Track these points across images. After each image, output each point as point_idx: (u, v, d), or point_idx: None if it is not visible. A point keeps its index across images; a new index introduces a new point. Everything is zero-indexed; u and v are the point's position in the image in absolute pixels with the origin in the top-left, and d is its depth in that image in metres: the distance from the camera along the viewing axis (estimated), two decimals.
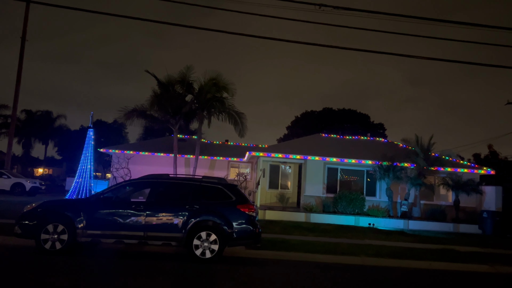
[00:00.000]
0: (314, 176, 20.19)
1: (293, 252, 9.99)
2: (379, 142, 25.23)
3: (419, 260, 10.05)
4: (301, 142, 23.31)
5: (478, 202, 20.18)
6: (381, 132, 41.16)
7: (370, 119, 42.74)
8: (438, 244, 12.89)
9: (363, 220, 17.86)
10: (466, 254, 11.17)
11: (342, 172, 20.61)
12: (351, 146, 22.84)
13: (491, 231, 17.42)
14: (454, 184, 19.29)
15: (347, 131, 34.41)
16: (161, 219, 8.63)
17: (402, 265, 9.69)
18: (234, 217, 8.71)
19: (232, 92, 21.52)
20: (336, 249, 10.66)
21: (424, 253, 10.94)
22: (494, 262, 10.33)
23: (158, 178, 9.41)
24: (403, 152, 21.18)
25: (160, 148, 25.15)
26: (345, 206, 18.83)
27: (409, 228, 17.77)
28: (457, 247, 12.33)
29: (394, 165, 19.38)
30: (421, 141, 20.52)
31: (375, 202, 19.88)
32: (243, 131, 21.62)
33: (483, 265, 9.98)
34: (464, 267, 9.84)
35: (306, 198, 19.91)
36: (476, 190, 19.32)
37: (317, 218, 18.02)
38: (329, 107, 44.07)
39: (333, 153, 20.58)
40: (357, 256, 9.98)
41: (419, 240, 13.65)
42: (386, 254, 10.42)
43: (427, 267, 9.75)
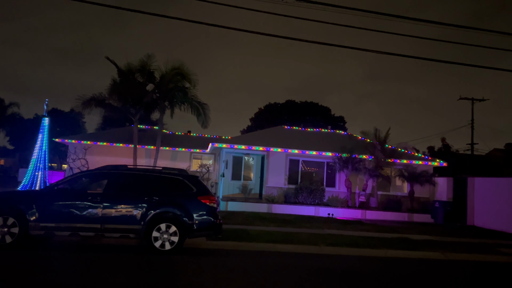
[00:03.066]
0: (276, 167, 20.37)
1: (254, 242, 10.06)
2: (339, 134, 25.79)
3: (376, 248, 10.40)
4: (264, 134, 23.41)
5: (431, 192, 21.12)
6: (342, 124, 42.11)
7: (331, 112, 43.61)
8: (394, 233, 13.39)
9: (323, 210, 18.25)
10: (419, 242, 11.68)
11: (303, 164, 20.92)
12: (312, 138, 23.20)
13: (443, 220, 18.30)
14: (409, 176, 20.08)
15: (309, 123, 34.92)
16: (119, 211, 8.41)
17: (359, 254, 9.99)
18: (195, 209, 8.64)
19: (194, 82, 21.23)
20: (296, 238, 10.83)
21: (380, 241, 11.34)
22: (445, 249, 10.87)
23: (116, 169, 9.15)
24: (362, 144, 21.76)
25: (119, 139, 24.45)
26: (305, 197, 19.16)
27: (366, 218, 18.35)
28: (411, 236, 12.87)
29: (353, 157, 19.90)
30: (379, 134, 21.17)
31: (334, 193, 20.35)
32: (206, 122, 21.43)
33: (435, 252, 10.47)
34: (418, 255, 10.29)
35: (268, 189, 20.07)
36: (429, 181, 20.20)
37: (278, 208, 18.23)
38: (292, 99, 44.53)
39: (295, 145, 20.83)
40: (316, 246, 10.19)
41: (376, 229, 14.12)
42: (344, 243, 10.70)
43: (383, 255, 10.12)
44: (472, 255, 10.46)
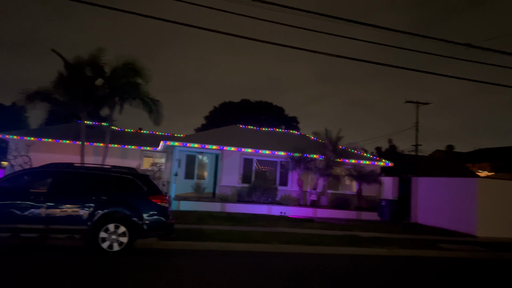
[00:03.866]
0: (230, 166, 20.32)
1: (207, 241, 9.97)
2: (292, 134, 26.21)
3: (327, 246, 10.67)
4: (218, 133, 23.28)
5: (378, 191, 22.01)
6: (295, 124, 42.83)
7: (285, 112, 44.21)
8: (343, 230, 13.81)
9: (276, 209, 18.46)
10: (367, 239, 12.12)
11: (257, 163, 21.04)
12: (266, 137, 23.39)
13: (389, 217, 19.13)
14: (358, 175, 20.81)
15: (263, 122, 35.17)
16: (64, 211, 8.01)
17: (312, 251, 10.20)
18: (145, 208, 8.40)
19: (147, 78, 20.61)
20: (249, 237, 10.86)
21: (331, 239, 11.64)
22: (391, 245, 11.36)
23: (61, 167, 8.70)
24: (313, 144, 22.25)
25: (66, 135, 23.28)
26: (259, 196, 19.28)
27: (317, 216, 18.78)
28: (360, 233, 13.33)
29: (305, 157, 20.30)
30: (330, 135, 21.76)
31: (287, 192, 20.66)
32: (158, 119, 20.91)
33: (382, 249, 10.91)
34: (366, 251, 10.67)
35: (222, 188, 19.99)
36: (376, 180, 21.05)
37: (232, 207, 18.20)
38: (247, 99, 44.68)
39: (250, 144, 20.90)
40: (269, 244, 10.28)
41: (326, 227, 14.49)
42: (296, 241, 10.88)
43: (334, 252, 10.39)
44: (415, 251, 11.01)
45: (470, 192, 16.06)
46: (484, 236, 15.08)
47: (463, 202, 16.37)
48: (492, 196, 15.89)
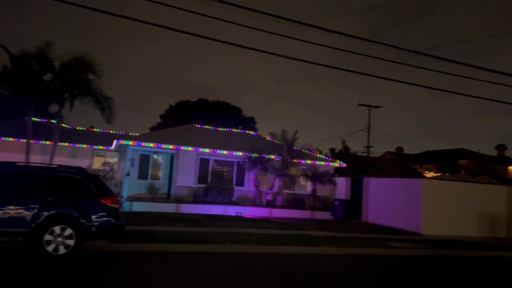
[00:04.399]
0: (186, 166, 20.07)
1: (160, 243, 9.79)
2: (249, 135, 26.32)
3: (280, 245, 10.81)
4: (174, 132, 22.92)
5: (332, 191, 22.59)
6: (252, 125, 43.00)
7: (243, 112, 44.32)
8: (297, 230, 14.05)
9: (232, 209, 18.45)
10: (319, 238, 12.40)
11: (214, 163, 20.92)
12: (223, 137, 23.33)
13: (341, 217, 19.68)
14: (313, 175, 21.25)
15: (220, 122, 35.02)
16: (6, 212, 7.58)
17: (265, 251, 10.28)
18: (94, 210, 8.11)
19: (100, 74, 19.93)
20: (203, 238, 10.78)
21: (284, 238, 11.80)
22: (342, 244, 11.69)
23: (3, 166, 8.20)
24: (270, 145, 22.47)
25: (10, 132, 21.96)
26: (215, 196, 19.18)
27: (273, 215, 18.98)
28: (312, 232, 13.62)
29: (262, 157, 20.46)
30: (286, 136, 22.07)
31: (243, 192, 20.71)
32: (111, 117, 20.27)
33: (333, 248, 11.21)
34: (317, 250, 10.91)
35: (177, 188, 19.70)
36: (330, 181, 21.60)
37: (187, 208, 17.98)
38: (204, 98, 44.29)
39: (206, 144, 20.75)
40: (223, 244, 10.25)
41: (280, 227, 14.67)
42: (250, 241, 10.94)
43: (286, 251, 10.54)
44: (364, 249, 11.41)
45: (416, 192, 16.87)
46: (429, 234, 15.90)
47: (410, 202, 17.16)
48: (436, 196, 16.79)
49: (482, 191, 18.23)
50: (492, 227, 17.40)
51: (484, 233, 17.10)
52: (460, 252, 12.36)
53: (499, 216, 17.53)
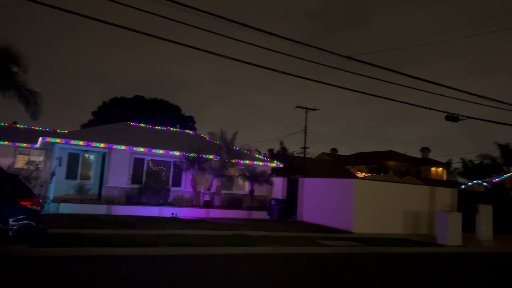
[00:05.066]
0: (119, 166, 19.23)
1: (88, 247, 9.25)
2: (188, 134, 25.88)
3: (215, 246, 10.70)
4: (107, 130, 21.87)
5: (269, 191, 22.88)
6: (192, 124, 42.35)
7: (182, 111, 43.52)
8: (233, 230, 14.02)
9: (167, 210, 18.00)
10: (254, 238, 12.47)
11: (149, 163, 20.27)
12: (160, 136, 22.70)
13: (277, 216, 19.99)
14: (250, 176, 21.38)
15: (158, 121, 34.06)
16: None
17: (199, 252, 10.11)
18: (12, 212, 7.44)
19: (25, 66, 18.52)
20: (135, 241, 10.37)
21: (220, 239, 11.72)
22: (276, 243, 11.85)
23: None
24: (209, 145, 22.26)
25: None
26: (150, 197, 18.58)
27: (210, 216, 18.80)
28: (248, 232, 13.67)
29: (200, 157, 20.19)
30: (225, 136, 22.00)
31: (180, 193, 20.30)
32: (36, 113, 18.92)
33: (267, 247, 11.32)
34: (252, 250, 10.95)
35: (109, 189, 18.81)
36: (267, 181, 21.87)
37: (120, 210, 17.23)
38: (141, 95, 42.83)
39: (141, 143, 20.06)
40: (156, 247, 9.93)
41: (217, 227, 14.56)
42: (185, 242, 10.71)
43: (222, 252, 10.45)
44: (298, 248, 11.65)
45: (348, 192, 17.60)
46: (359, 232, 16.65)
47: (342, 201, 17.86)
48: (366, 196, 17.64)
49: (407, 190, 19.49)
50: (415, 224, 18.64)
51: (409, 230, 18.26)
52: (387, 249, 13.06)
53: (422, 214, 18.83)
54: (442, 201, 19.44)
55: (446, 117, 17.31)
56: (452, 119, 17.27)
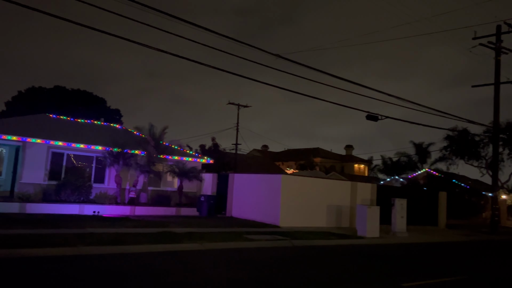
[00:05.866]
0: (34, 161, 17.79)
1: None
2: (113, 128, 24.70)
3: (139, 244, 10.33)
4: (22, 121, 20.11)
5: (199, 187, 22.63)
6: (118, 118, 40.43)
7: (107, 103, 41.39)
8: (160, 227, 13.63)
9: (89, 208, 17.03)
10: (182, 235, 12.24)
11: (69, 158, 19.01)
12: (82, 130, 21.40)
13: (207, 212, 19.84)
14: (180, 172, 20.97)
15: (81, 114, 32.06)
16: None
17: (122, 251, 9.68)
18: None
19: None
20: (50, 241, 9.63)
21: (145, 237, 11.33)
22: (204, 240, 11.73)
23: None
24: (136, 139, 21.43)
25: None
26: (69, 194, 17.43)
27: (135, 214, 18.12)
28: (176, 229, 13.38)
29: (125, 152, 19.35)
30: (154, 130, 21.32)
31: (103, 189, 19.31)
32: None
33: (194, 244, 11.17)
34: (179, 247, 10.74)
35: (23, 186, 17.33)
36: (197, 177, 21.61)
37: (35, 208, 15.97)
38: (62, 85, 39.97)
39: (60, 137, 18.74)
40: (74, 247, 9.32)
41: (143, 225, 14.07)
42: (106, 241, 10.20)
43: (146, 250, 10.11)
44: (224, 243, 11.65)
45: (276, 187, 18.00)
46: (285, 226, 17.09)
47: (270, 196, 18.22)
48: (293, 191, 18.17)
49: (331, 186, 20.41)
50: (338, 218, 19.59)
51: (332, 224, 19.15)
52: (311, 242, 13.56)
53: (344, 208, 19.84)
54: (363, 196, 20.65)
55: (367, 116, 18.43)
56: (372, 119, 18.43)
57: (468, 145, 34.47)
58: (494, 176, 25.30)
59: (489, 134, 27.61)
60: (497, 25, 23.17)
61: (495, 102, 24.03)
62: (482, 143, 33.87)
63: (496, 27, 23.20)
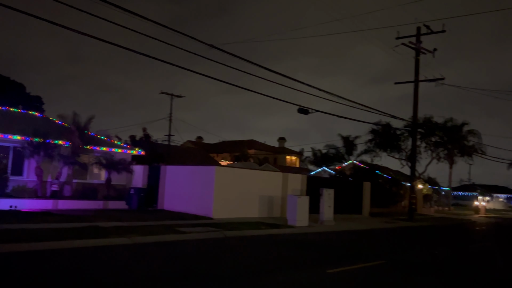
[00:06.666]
0: None
1: None
2: (33, 116, 22.87)
3: (61, 240, 9.74)
4: None
5: (128, 180, 21.79)
6: (39, 105, 37.46)
7: (26, 90, 38.24)
8: (85, 222, 12.95)
9: (5, 202, 15.64)
10: (109, 229, 11.74)
11: None
12: None
13: (137, 206, 19.18)
14: (108, 163, 20.04)
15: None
16: None
17: (42, 248, 9.06)
18: None
19: None
20: None
21: (68, 232, 10.70)
22: (133, 234, 11.35)
23: None
24: (59, 129, 20.09)
25: None
26: None
27: (58, 208, 17.01)
28: (102, 223, 12.80)
29: (47, 142, 18.05)
30: (79, 119, 20.12)
31: (21, 182, 17.87)
32: None
33: (123, 238, 10.77)
34: (105, 242, 10.28)
35: None
36: (127, 169, 20.81)
37: None
38: None
39: None
40: None
41: (66, 219, 13.27)
42: (24, 238, 9.48)
43: (69, 246, 9.57)
44: (156, 237, 11.38)
45: (209, 179, 17.91)
46: (218, 218, 17.09)
47: (203, 188, 18.09)
48: (226, 182, 18.20)
49: (264, 177, 20.78)
50: (270, 208, 20.03)
51: (264, 214, 19.52)
52: (242, 232, 13.71)
53: (276, 198, 20.32)
54: (293, 186, 21.29)
55: (298, 109, 18.98)
56: (303, 112, 19.02)
57: (390, 139, 37.01)
58: (413, 167, 27.44)
59: (409, 129, 29.82)
60: (417, 26, 24.96)
61: (415, 99, 25.98)
62: (402, 137, 36.57)
63: (416, 28, 24.99)
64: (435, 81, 25.81)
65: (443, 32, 24.28)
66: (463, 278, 8.87)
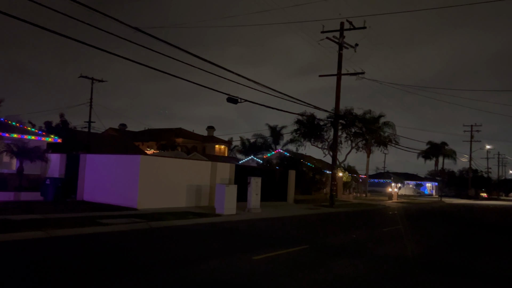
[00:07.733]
0: None
1: None
2: None
3: None
4: None
5: (43, 169, 20.26)
6: None
7: None
8: None
9: None
10: (21, 223, 10.85)
11: None
12: None
13: (53, 197, 17.93)
14: (19, 151, 18.42)
15: None
16: None
17: None
18: None
19: None
20: None
21: None
22: (49, 227, 10.59)
23: None
24: None
25: None
26: None
27: None
28: (13, 216, 11.80)
29: None
30: None
31: None
32: None
33: (38, 232, 10.00)
34: (17, 236, 9.49)
35: None
36: (41, 157, 19.30)
37: None
38: None
39: None
40: None
41: None
42: None
43: None
44: (75, 230, 10.72)
45: (134, 169, 17.24)
46: (143, 208, 16.57)
47: (128, 178, 17.39)
48: (152, 172, 17.67)
49: (192, 166, 20.52)
50: (198, 197, 19.87)
51: (192, 203, 19.33)
52: (169, 223, 13.45)
53: (204, 187, 20.20)
54: (222, 175, 21.32)
55: (228, 99, 18.94)
56: (232, 101, 19.03)
57: (314, 129, 38.62)
58: (334, 156, 28.94)
59: (331, 120, 31.35)
60: (340, 22, 26.13)
61: (337, 91, 27.29)
62: (325, 127, 38.36)
63: (340, 23, 26.15)
64: (356, 75, 27.33)
65: (364, 29, 25.70)
66: (378, 257, 9.59)
